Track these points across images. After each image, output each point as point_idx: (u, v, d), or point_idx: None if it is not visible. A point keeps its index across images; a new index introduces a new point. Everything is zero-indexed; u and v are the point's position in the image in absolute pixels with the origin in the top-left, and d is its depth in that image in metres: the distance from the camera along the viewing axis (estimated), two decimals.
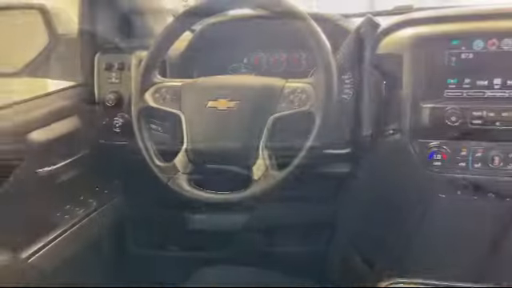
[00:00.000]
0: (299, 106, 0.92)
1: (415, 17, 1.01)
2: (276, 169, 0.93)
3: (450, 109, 0.94)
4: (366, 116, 1.03)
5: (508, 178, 0.93)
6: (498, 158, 0.93)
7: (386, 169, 1.04)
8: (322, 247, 1.34)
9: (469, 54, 0.94)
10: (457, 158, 0.96)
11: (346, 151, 1.08)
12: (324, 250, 1.33)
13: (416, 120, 0.97)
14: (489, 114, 0.92)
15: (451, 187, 0.98)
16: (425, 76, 0.96)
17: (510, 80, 0.93)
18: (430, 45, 0.96)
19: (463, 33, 0.95)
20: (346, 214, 1.22)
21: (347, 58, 0.97)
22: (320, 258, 1.33)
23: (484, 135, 0.94)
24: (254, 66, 1.21)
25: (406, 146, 0.98)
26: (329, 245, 1.33)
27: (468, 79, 0.95)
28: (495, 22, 0.94)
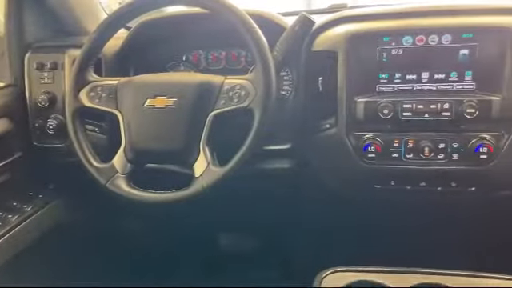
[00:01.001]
0: (238, 102, 0.92)
1: (348, 14, 1.05)
2: (217, 165, 0.93)
3: (382, 102, 0.98)
4: (304, 112, 1.06)
5: (438, 167, 0.99)
6: (428, 149, 0.98)
7: (324, 162, 1.06)
8: (264, 243, 1.36)
9: (399, 50, 0.99)
10: (390, 150, 1.00)
11: (286, 147, 1.09)
12: (267, 246, 1.35)
13: (351, 114, 1.00)
14: (418, 106, 0.97)
15: (385, 178, 1.02)
16: (358, 72, 1.00)
17: (436, 74, 0.98)
18: (362, 41, 1.00)
19: (393, 30, 0.99)
20: (287, 208, 1.24)
21: (284, 55, 0.99)
22: (263, 254, 1.34)
23: (414, 127, 0.98)
24: (193, 64, 1.21)
25: (343, 140, 1.01)
26: (271, 240, 1.35)
27: (398, 74, 0.99)
28: (423, 20, 0.99)
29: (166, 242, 1.38)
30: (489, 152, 0.95)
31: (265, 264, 1.34)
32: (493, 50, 0.95)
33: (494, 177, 0.97)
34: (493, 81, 0.95)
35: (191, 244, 1.40)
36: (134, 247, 1.38)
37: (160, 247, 1.38)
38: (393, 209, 1.08)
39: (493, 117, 0.94)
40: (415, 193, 1.02)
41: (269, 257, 1.36)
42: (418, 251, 1.02)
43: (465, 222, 1.12)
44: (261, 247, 1.38)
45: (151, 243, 1.38)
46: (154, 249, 1.38)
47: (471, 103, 0.94)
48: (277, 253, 1.36)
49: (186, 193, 0.92)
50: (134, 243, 1.37)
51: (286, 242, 1.32)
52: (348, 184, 1.06)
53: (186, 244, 1.39)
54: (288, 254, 1.31)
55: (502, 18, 0.95)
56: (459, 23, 0.96)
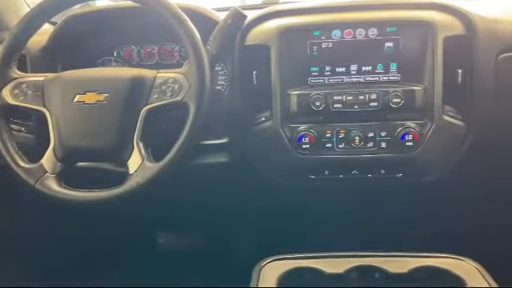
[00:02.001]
0: (172, 96, 0.92)
1: (279, 9, 1.07)
2: (152, 161, 0.92)
3: (314, 95, 1.01)
4: (240, 105, 1.06)
5: (368, 156, 1.03)
6: (358, 138, 1.02)
7: (261, 154, 1.08)
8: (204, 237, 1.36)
9: (328, 44, 1.02)
10: (323, 140, 1.03)
11: (223, 141, 1.10)
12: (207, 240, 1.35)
13: (285, 107, 1.02)
14: (348, 97, 1.01)
15: (319, 167, 1.06)
16: (290, 65, 1.02)
17: (364, 66, 1.02)
18: (293, 36, 1.02)
19: (323, 24, 1.02)
20: (226, 201, 1.24)
21: (218, 49, 0.99)
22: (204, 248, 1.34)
23: (345, 117, 1.02)
24: (125, 60, 1.18)
25: (278, 132, 1.03)
26: (212, 234, 1.35)
27: (329, 67, 1.03)
28: (350, 14, 1.02)
29: (104, 242, 1.34)
30: (414, 139, 1.00)
31: (205, 258, 1.34)
32: (415, 42, 1.00)
33: (419, 163, 1.02)
34: (416, 72, 1.00)
35: (129, 243, 1.37)
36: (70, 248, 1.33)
37: (97, 247, 1.34)
38: (328, 197, 1.11)
39: (417, 106, 1.00)
40: (348, 181, 1.06)
41: (209, 250, 1.36)
42: (353, 236, 1.06)
43: (394, 207, 1.18)
44: (201, 242, 1.38)
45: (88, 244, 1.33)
46: (92, 250, 1.34)
47: (396, 93, 0.99)
48: (217, 246, 1.36)
49: (119, 190, 0.90)
50: (70, 244, 1.32)
51: (226, 235, 1.33)
52: (284, 175, 1.08)
53: (124, 243, 1.36)
54: (228, 247, 1.32)
55: (423, 12, 1.01)
56: (384, 17, 1.01)
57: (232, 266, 1.12)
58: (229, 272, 1.11)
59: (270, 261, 0.88)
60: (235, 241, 1.33)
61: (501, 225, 1.20)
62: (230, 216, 1.28)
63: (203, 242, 1.39)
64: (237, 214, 1.26)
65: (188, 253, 1.40)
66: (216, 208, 1.26)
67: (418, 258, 0.86)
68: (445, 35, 0.98)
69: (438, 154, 1.02)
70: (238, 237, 1.32)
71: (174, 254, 1.42)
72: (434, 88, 0.99)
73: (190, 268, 1.29)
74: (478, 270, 0.85)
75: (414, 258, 0.87)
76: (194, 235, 1.40)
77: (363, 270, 0.85)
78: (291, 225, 1.17)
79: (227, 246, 1.34)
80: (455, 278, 0.82)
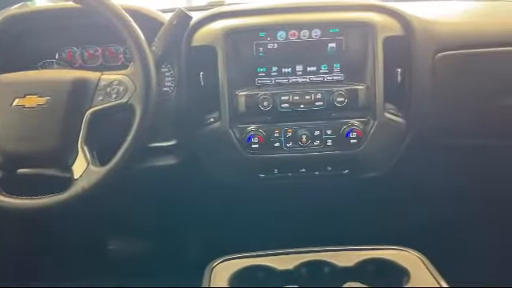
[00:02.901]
0: (117, 98, 0.90)
1: (225, 10, 1.07)
2: (98, 165, 0.89)
3: (262, 95, 1.02)
4: (188, 107, 1.06)
5: (315, 153, 1.05)
6: (305, 136, 1.04)
7: (210, 155, 1.08)
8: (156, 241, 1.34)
9: (274, 45, 1.04)
10: (272, 140, 1.04)
11: (172, 143, 1.09)
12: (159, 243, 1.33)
13: (233, 107, 1.03)
14: (294, 97, 1.03)
15: (269, 167, 1.07)
16: (237, 66, 1.03)
17: (309, 67, 1.04)
18: (239, 37, 1.03)
19: (268, 25, 1.03)
20: (177, 203, 1.23)
21: (163, 50, 0.98)
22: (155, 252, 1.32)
23: (292, 117, 1.04)
24: (67, 62, 1.14)
25: (227, 132, 1.04)
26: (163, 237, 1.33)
27: (275, 67, 1.04)
28: (295, 15, 1.04)
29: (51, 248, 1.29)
30: (358, 137, 1.04)
31: (157, 262, 1.32)
32: (356, 43, 1.03)
33: (363, 159, 1.06)
34: (358, 71, 1.04)
35: (79, 250, 1.33)
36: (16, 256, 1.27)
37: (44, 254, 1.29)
38: (278, 195, 1.13)
39: (360, 104, 1.03)
40: (296, 179, 1.08)
41: (161, 254, 1.34)
42: (304, 232, 1.08)
43: (343, 203, 1.21)
44: (152, 246, 1.36)
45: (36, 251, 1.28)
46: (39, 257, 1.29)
47: (340, 93, 1.02)
48: (169, 250, 1.35)
49: (64, 196, 0.88)
50: (17, 251, 1.27)
51: (178, 238, 1.32)
52: (234, 175, 1.09)
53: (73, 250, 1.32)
54: (180, 249, 1.31)
55: (364, 13, 1.05)
56: (327, 19, 1.04)
57: (184, 268, 1.11)
58: (181, 274, 1.11)
59: (221, 261, 0.88)
60: (187, 243, 1.32)
61: (442, 218, 1.26)
62: (181, 218, 1.27)
63: (154, 246, 1.37)
64: (188, 216, 1.26)
65: (139, 258, 1.37)
66: (166, 211, 1.25)
67: (365, 251, 0.89)
68: (384, 36, 1.02)
69: (380, 150, 1.06)
70: (190, 239, 1.31)
71: (124, 260, 1.39)
72: (375, 87, 1.03)
73: (142, 273, 1.27)
74: (421, 260, 0.88)
75: (361, 251, 0.89)
76: (145, 239, 1.38)
77: (313, 265, 0.87)
78: (243, 224, 1.18)
79: (179, 248, 1.33)
80: (400, 268, 0.86)
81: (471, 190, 1.22)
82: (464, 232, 1.29)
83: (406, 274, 0.84)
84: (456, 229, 1.27)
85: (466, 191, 1.22)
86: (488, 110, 1.08)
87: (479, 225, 1.28)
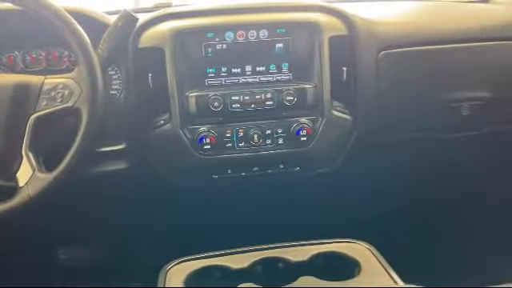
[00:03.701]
0: (62, 102, 0.88)
1: (172, 11, 1.06)
2: (44, 171, 0.87)
3: (212, 96, 1.02)
4: (137, 109, 1.05)
5: (267, 152, 1.07)
6: (257, 136, 1.05)
7: (161, 158, 1.07)
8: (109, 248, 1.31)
9: (222, 45, 1.04)
10: (224, 140, 1.05)
11: (121, 147, 1.07)
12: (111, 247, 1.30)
13: (184, 109, 1.02)
14: (245, 97, 1.03)
15: (222, 167, 1.07)
16: (186, 67, 1.02)
17: (258, 67, 1.05)
18: (187, 38, 1.02)
19: (216, 26, 1.04)
20: (129, 208, 1.21)
21: (109, 52, 0.96)
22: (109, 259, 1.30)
23: (243, 117, 1.05)
24: (9, 66, 1.09)
25: (178, 134, 1.03)
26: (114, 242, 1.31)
27: (224, 68, 1.05)
28: (242, 16, 1.05)
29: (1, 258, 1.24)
30: (307, 134, 1.06)
31: (112, 269, 1.30)
32: (303, 43, 1.05)
33: (313, 156, 1.08)
34: (306, 71, 1.06)
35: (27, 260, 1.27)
36: None
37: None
38: (231, 195, 1.14)
39: (308, 103, 1.05)
40: (250, 178, 1.09)
41: (115, 260, 1.31)
42: (259, 230, 1.09)
43: (294, 199, 1.23)
44: (105, 253, 1.33)
45: None
46: None
47: (289, 92, 1.04)
48: (123, 256, 1.32)
49: (9, 205, 0.85)
50: None
51: (132, 243, 1.30)
52: (187, 176, 1.08)
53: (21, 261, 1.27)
54: (134, 254, 1.29)
55: (310, 14, 1.07)
56: (274, 19, 1.05)
57: (139, 273, 1.09)
58: (136, 279, 1.09)
59: (176, 263, 0.88)
60: (141, 248, 1.30)
61: (391, 211, 1.31)
62: (134, 222, 1.25)
63: (107, 252, 1.34)
64: (141, 220, 1.24)
65: (92, 265, 1.34)
66: (119, 216, 1.23)
67: (317, 245, 0.91)
68: (329, 36, 1.05)
69: (329, 146, 1.09)
70: (145, 243, 1.29)
71: (77, 268, 1.35)
72: (322, 85, 1.05)
73: (96, 280, 1.24)
74: (371, 251, 0.92)
75: (313, 245, 0.92)
76: (97, 246, 1.34)
77: (267, 262, 0.88)
78: (197, 225, 1.18)
79: (133, 253, 1.30)
80: (351, 260, 0.89)
81: (417, 183, 1.27)
82: (412, 224, 1.35)
83: (357, 265, 0.87)
84: (404, 221, 1.32)
85: (412, 184, 1.27)
86: (431, 106, 1.13)
87: (426, 217, 1.34)
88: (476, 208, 1.36)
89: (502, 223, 1.36)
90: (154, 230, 1.22)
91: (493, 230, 1.37)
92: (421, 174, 1.25)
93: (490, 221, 1.37)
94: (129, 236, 1.29)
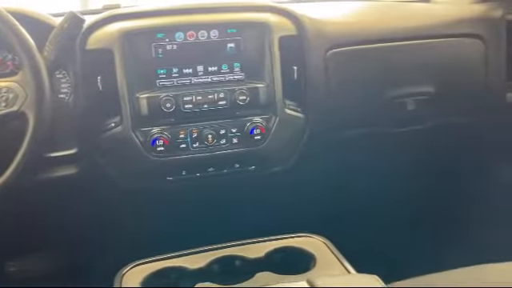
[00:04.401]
0: (7, 106, 0.85)
1: (121, 12, 1.05)
2: None
3: (164, 97, 1.01)
4: (87, 113, 1.02)
5: (222, 152, 1.07)
6: (211, 136, 1.05)
7: (113, 161, 1.05)
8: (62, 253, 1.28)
9: (173, 46, 1.03)
10: (177, 141, 1.04)
11: (72, 151, 1.04)
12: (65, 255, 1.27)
13: (135, 110, 1.01)
14: (197, 98, 1.03)
15: (177, 169, 1.07)
16: (137, 68, 1.01)
17: (210, 67, 1.06)
18: (136, 39, 1.01)
19: (166, 26, 1.03)
20: (82, 215, 1.18)
21: (56, 55, 0.94)
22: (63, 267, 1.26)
23: (197, 117, 1.05)
24: None
25: (130, 137, 1.02)
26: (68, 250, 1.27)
27: (176, 68, 1.04)
28: (192, 16, 1.05)
29: None
30: (261, 133, 1.07)
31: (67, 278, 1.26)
32: (254, 43, 1.07)
33: (268, 155, 1.10)
34: (257, 70, 1.07)
35: None
36: None
37: None
38: (188, 196, 1.13)
39: (261, 102, 1.06)
40: (206, 178, 1.09)
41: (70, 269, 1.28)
42: (217, 229, 1.09)
43: (251, 197, 1.24)
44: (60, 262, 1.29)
45: None
46: None
47: (242, 91, 1.05)
48: (78, 263, 1.29)
49: None
50: None
51: (87, 250, 1.26)
52: (141, 179, 1.07)
53: None
54: (90, 261, 1.26)
55: (260, 14, 1.08)
56: (224, 19, 1.06)
57: (95, 279, 1.07)
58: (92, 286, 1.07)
59: (132, 267, 0.87)
60: (96, 253, 1.27)
61: (345, 205, 1.34)
62: (88, 228, 1.22)
63: (61, 261, 1.30)
64: (95, 225, 1.21)
65: (46, 275, 1.29)
66: (71, 222, 1.19)
67: (274, 241, 0.93)
68: (279, 35, 1.07)
69: (283, 144, 1.11)
70: (99, 249, 1.26)
71: (30, 279, 1.30)
72: (274, 85, 1.07)
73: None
74: (326, 244, 0.94)
75: (269, 241, 0.93)
76: (51, 255, 1.30)
77: (224, 261, 0.89)
78: (154, 228, 1.17)
79: (88, 260, 1.27)
80: (306, 253, 0.91)
81: (369, 177, 1.31)
82: (365, 217, 1.39)
83: (312, 258, 0.89)
84: (357, 214, 1.36)
85: (364, 178, 1.31)
86: (378, 102, 1.17)
87: (377, 209, 1.39)
88: (424, 200, 1.41)
89: (448, 213, 1.43)
90: (108, 235, 1.20)
91: (440, 220, 1.43)
92: (372, 169, 1.29)
93: (437, 212, 1.43)
94: (82, 242, 1.25)
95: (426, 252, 1.37)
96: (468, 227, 1.43)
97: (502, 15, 1.20)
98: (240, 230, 1.02)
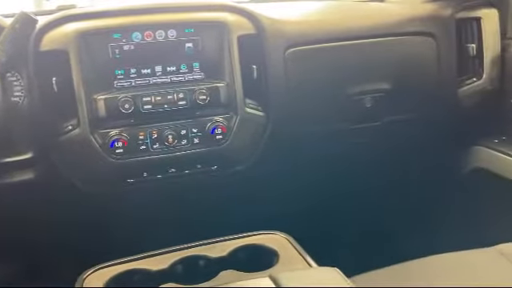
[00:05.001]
0: None
1: (76, 13, 1.03)
2: None
3: (122, 98, 1.00)
4: (43, 116, 1.00)
5: (183, 153, 1.06)
6: (172, 136, 1.05)
7: (72, 164, 1.03)
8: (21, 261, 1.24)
9: (130, 46, 1.02)
10: (137, 143, 1.03)
11: (27, 156, 1.01)
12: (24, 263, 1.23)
13: (92, 112, 0.99)
14: (156, 98, 1.03)
15: (137, 171, 1.05)
16: (93, 69, 1.00)
17: (168, 67, 1.05)
18: (92, 39, 1.00)
19: (122, 26, 1.02)
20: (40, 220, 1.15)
21: (7, 56, 0.91)
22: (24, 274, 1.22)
23: (156, 118, 1.04)
24: None
25: (88, 139, 1.00)
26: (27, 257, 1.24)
27: (134, 69, 1.03)
28: (149, 16, 1.04)
29: None
30: (222, 132, 1.08)
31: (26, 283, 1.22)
32: (213, 42, 1.07)
33: (230, 154, 1.10)
34: (217, 70, 1.08)
35: None
36: None
37: None
38: (149, 197, 1.12)
39: (222, 101, 1.07)
40: (167, 179, 1.08)
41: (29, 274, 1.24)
42: (180, 231, 1.08)
43: (213, 197, 1.24)
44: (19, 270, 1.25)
45: None
46: None
47: (202, 91, 1.05)
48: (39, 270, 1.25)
49: None
50: None
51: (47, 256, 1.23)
52: (100, 182, 1.05)
53: None
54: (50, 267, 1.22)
55: (218, 13, 1.09)
56: (181, 19, 1.06)
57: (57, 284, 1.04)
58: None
59: (93, 271, 0.85)
60: (57, 259, 1.24)
61: (307, 202, 1.36)
62: (47, 234, 1.19)
63: (20, 268, 1.26)
64: (55, 230, 1.18)
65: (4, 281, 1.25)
66: (31, 228, 1.16)
67: (236, 240, 0.93)
68: (238, 34, 1.07)
69: (245, 143, 1.11)
70: (59, 254, 1.23)
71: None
72: (234, 84, 1.07)
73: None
74: (288, 241, 0.95)
75: (233, 240, 0.93)
76: (9, 262, 1.25)
77: (187, 261, 0.89)
78: (116, 231, 1.15)
79: (48, 265, 1.24)
80: (270, 250, 0.91)
81: (329, 173, 1.34)
82: (327, 213, 1.41)
83: (275, 254, 0.90)
84: (319, 210, 1.39)
85: (325, 174, 1.33)
86: (337, 99, 1.19)
87: (338, 205, 1.41)
88: (382, 194, 1.45)
89: (405, 206, 1.48)
90: (69, 239, 1.17)
91: (398, 213, 1.48)
92: (332, 165, 1.31)
93: (395, 205, 1.47)
94: (42, 246, 1.22)
95: (386, 245, 1.40)
96: (424, 219, 1.48)
97: (451, 14, 1.25)
98: (204, 230, 1.02)
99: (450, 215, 1.46)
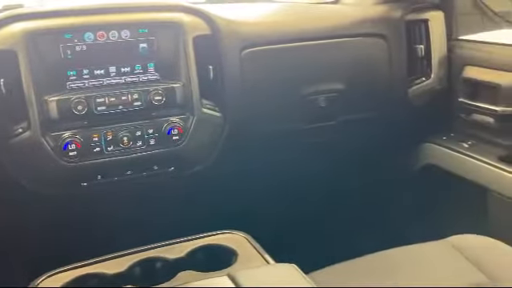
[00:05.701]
0: None
1: (24, 12, 1.00)
2: None
3: (75, 99, 0.98)
4: None
5: (139, 154, 1.05)
6: (127, 138, 1.03)
7: (23, 168, 0.99)
8: None
9: (82, 46, 1.00)
10: (91, 145, 1.01)
11: None
12: None
13: (44, 114, 0.97)
14: (110, 99, 1.01)
15: (91, 174, 1.03)
16: (44, 70, 0.97)
17: (122, 67, 1.04)
18: (42, 39, 0.97)
19: (74, 26, 0.99)
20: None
21: None
22: None
23: (111, 119, 1.02)
24: None
25: (39, 142, 0.97)
26: None
27: (86, 70, 1.01)
28: (102, 16, 1.02)
29: None
30: (179, 133, 1.07)
31: None
32: (168, 43, 1.06)
33: (187, 155, 1.10)
34: (173, 70, 1.07)
35: None
36: None
37: None
38: (105, 201, 1.10)
39: (178, 102, 1.06)
40: (124, 182, 1.07)
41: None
42: (137, 233, 1.06)
43: (172, 198, 1.23)
44: None
45: None
46: None
47: (158, 91, 1.04)
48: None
49: None
50: None
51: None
52: (53, 186, 1.02)
53: None
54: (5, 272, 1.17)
55: (173, 14, 1.08)
56: (135, 19, 1.05)
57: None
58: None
59: (46, 277, 0.83)
60: (9, 265, 1.19)
61: (265, 201, 1.37)
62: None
63: None
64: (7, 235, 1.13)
65: None
66: None
67: (194, 240, 0.93)
68: (194, 35, 1.07)
69: (202, 144, 1.11)
70: (12, 260, 1.18)
71: None
72: (190, 84, 1.07)
73: None
74: (247, 239, 0.96)
75: (191, 240, 0.93)
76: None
77: (145, 263, 0.87)
78: (70, 235, 1.11)
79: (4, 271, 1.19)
80: (228, 249, 0.92)
81: (285, 172, 1.35)
82: (284, 211, 1.43)
83: (234, 253, 0.90)
84: (277, 208, 1.40)
85: (282, 174, 1.34)
86: (292, 99, 1.21)
87: (295, 203, 1.43)
88: (338, 191, 1.48)
89: (361, 202, 1.51)
90: (22, 244, 1.13)
91: (354, 209, 1.51)
92: (288, 164, 1.33)
93: (352, 202, 1.51)
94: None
95: (343, 241, 1.43)
96: (379, 215, 1.52)
97: (401, 16, 1.29)
98: (163, 231, 1.01)
99: (404, 210, 1.51)
